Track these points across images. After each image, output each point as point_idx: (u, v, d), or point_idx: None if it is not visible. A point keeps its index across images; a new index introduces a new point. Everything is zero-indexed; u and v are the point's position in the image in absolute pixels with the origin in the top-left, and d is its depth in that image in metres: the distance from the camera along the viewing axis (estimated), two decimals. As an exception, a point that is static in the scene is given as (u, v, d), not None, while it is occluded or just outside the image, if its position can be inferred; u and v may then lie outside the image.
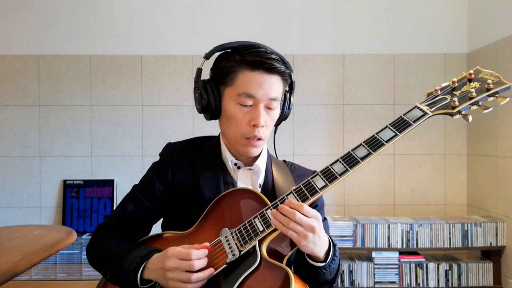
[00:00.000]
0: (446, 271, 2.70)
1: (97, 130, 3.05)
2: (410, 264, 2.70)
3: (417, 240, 2.70)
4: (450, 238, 2.70)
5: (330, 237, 1.05)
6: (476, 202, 2.97)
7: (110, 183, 3.01)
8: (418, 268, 2.70)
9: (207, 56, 1.15)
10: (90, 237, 1.24)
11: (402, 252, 2.72)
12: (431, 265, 2.70)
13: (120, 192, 3.02)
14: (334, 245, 1.05)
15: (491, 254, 2.73)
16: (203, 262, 0.98)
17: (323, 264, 1.01)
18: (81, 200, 2.99)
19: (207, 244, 1.01)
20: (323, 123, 3.07)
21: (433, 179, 3.07)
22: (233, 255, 0.99)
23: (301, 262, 1.04)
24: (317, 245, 0.97)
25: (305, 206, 0.95)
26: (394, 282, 2.69)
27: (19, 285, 2.67)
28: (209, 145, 1.21)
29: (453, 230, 2.70)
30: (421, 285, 2.70)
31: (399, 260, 2.70)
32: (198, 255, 0.98)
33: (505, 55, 2.64)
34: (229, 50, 1.13)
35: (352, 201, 3.06)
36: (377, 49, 3.06)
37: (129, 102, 3.06)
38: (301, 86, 3.05)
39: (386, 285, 2.69)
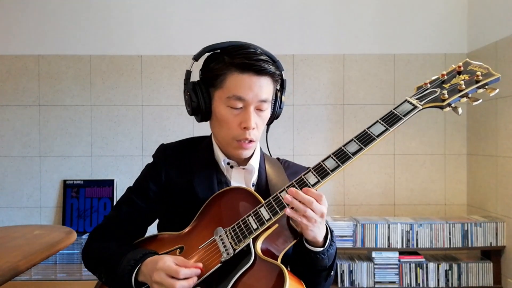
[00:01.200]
0: (446, 271, 2.70)
1: (97, 130, 3.05)
2: (410, 264, 2.70)
3: (417, 240, 2.70)
4: (450, 238, 2.70)
5: (327, 223, 1.06)
6: (476, 202, 2.97)
7: (110, 183, 3.01)
8: (418, 268, 2.70)
9: (196, 58, 1.16)
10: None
11: (402, 252, 2.72)
12: (431, 265, 2.70)
13: (120, 192, 3.01)
14: (331, 231, 1.06)
15: (491, 254, 2.73)
16: (188, 284, 0.97)
17: (321, 249, 1.02)
18: (81, 200, 2.99)
19: (200, 265, 1.01)
20: (323, 123, 3.07)
21: (433, 179, 3.06)
22: (228, 254, 0.99)
23: (299, 249, 1.05)
24: (320, 230, 0.99)
25: (323, 197, 0.97)
26: (394, 282, 2.69)
27: (19, 285, 2.67)
28: (202, 145, 1.21)
29: (453, 230, 2.70)
30: (421, 285, 2.70)
31: (399, 260, 2.70)
32: (186, 274, 0.97)
33: (505, 55, 2.64)
34: (218, 51, 1.12)
35: (352, 201, 3.06)
36: (377, 49, 3.06)
37: (129, 102, 3.06)
38: (301, 86, 3.05)
39: (386, 285, 2.69)
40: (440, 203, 3.07)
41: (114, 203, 2.98)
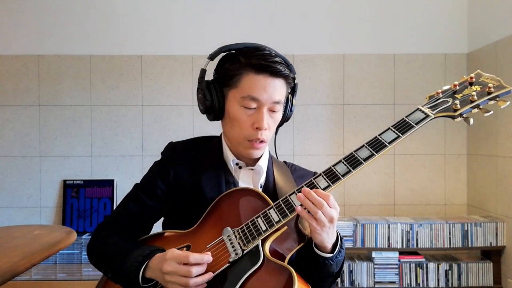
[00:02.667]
0: (446, 271, 2.70)
1: (97, 130, 3.05)
2: (410, 264, 2.70)
3: (417, 240, 2.70)
4: (450, 238, 2.70)
5: (337, 230, 1.06)
6: (476, 202, 2.97)
7: (110, 183, 3.01)
8: (418, 268, 2.70)
9: (211, 57, 1.16)
10: (90, 236, 1.24)
11: (402, 252, 2.72)
12: (431, 265, 2.70)
13: (120, 192, 3.01)
14: (341, 238, 1.06)
15: (491, 254, 2.73)
16: (201, 269, 0.98)
17: (330, 255, 1.02)
18: (81, 200, 2.99)
19: (209, 253, 1.01)
20: (323, 123, 3.07)
21: (433, 179, 3.06)
22: (236, 254, 1.00)
23: (307, 254, 1.05)
24: (329, 235, 1.00)
25: (331, 197, 0.97)
26: (394, 282, 2.69)
27: (19, 285, 2.67)
28: (211, 145, 1.22)
29: (453, 230, 2.70)
30: (421, 285, 2.70)
31: (399, 260, 2.70)
32: (196, 259, 0.98)
33: (505, 55, 2.64)
34: (234, 52, 1.13)
35: (352, 201, 3.06)
36: (377, 49, 3.06)
37: (129, 102, 3.06)
38: (301, 86, 3.02)
39: (386, 285, 2.69)
40: (440, 203, 3.07)
41: (115, 203, 2.99)
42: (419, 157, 3.06)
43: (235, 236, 1.03)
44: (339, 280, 2.69)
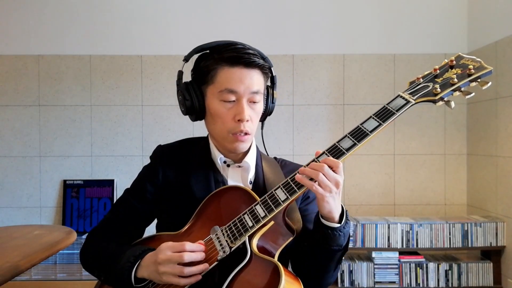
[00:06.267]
0: (446, 271, 2.70)
1: (97, 130, 3.05)
2: (410, 264, 2.70)
3: (417, 240, 2.70)
4: (450, 238, 2.70)
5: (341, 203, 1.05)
6: (476, 202, 2.97)
7: (110, 183, 3.01)
8: (418, 268, 2.70)
9: (186, 59, 1.19)
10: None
11: (402, 252, 2.72)
12: (431, 265, 2.70)
13: (120, 192, 3.00)
14: (346, 211, 1.06)
15: (491, 254, 2.73)
16: (195, 256, 0.98)
17: (338, 225, 1.01)
18: (81, 200, 2.99)
19: (202, 241, 1.02)
20: (323, 123, 3.07)
21: (433, 179, 3.06)
22: (224, 252, 1.00)
23: (313, 231, 1.04)
24: (336, 202, 0.99)
25: (340, 164, 0.98)
26: (394, 282, 2.69)
27: (19, 285, 2.67)
28: (199, 145, 1.22)
29: (453, 230, 2.70)
30: (421, 285, 2.70)
31: (399, 260, 2.70)
32: (191, 247, 0.99)
33: (505, 55, 2.64)
34: (208, 50, 1.15)
35: (352, 201, 3.06)
36: (377, 49, 3.06)
37: (129, 102, 3.06)
38: (301, 86, 3.05)
39: (386, 285, 2.69)
40: (440, 203, 3.07)
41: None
42: (419, 157, 3.06)
43: (223, 234, 1.03)
44: (339, 280, 2.69)
